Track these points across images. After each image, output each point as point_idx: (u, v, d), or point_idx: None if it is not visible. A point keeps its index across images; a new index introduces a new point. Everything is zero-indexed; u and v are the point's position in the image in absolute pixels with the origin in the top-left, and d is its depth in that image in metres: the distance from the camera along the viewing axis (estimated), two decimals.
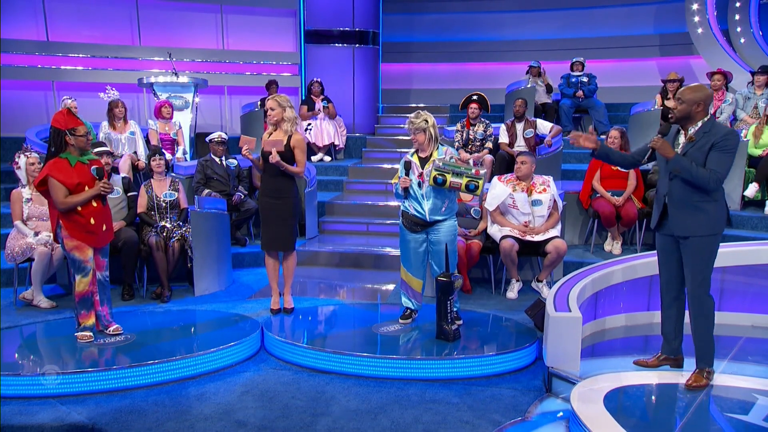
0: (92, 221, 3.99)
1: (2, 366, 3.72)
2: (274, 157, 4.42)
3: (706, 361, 3.40)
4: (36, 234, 5.07)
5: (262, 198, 4.71)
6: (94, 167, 4.01)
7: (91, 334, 4.15)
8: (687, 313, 3.49)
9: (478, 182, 4.11)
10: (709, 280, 3.38)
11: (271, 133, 4.62)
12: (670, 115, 3.45)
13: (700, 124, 3.34)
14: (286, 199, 4.61)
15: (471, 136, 7.19)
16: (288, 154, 4.52)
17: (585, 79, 8.99)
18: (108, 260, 4.26)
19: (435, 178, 4.11)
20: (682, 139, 3.40)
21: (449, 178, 4.09)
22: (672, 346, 3.63)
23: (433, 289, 4.35)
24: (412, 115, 4.28)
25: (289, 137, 4.54)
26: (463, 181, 4.09)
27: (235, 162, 6.61)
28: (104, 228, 4.09)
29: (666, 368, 3.64)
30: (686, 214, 3.36)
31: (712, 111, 6.98)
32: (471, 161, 4.23)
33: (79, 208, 3.94)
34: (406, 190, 4.27)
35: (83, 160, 4.02)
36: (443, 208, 4.26)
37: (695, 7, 10.00)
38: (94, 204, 4.00)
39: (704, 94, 3.35)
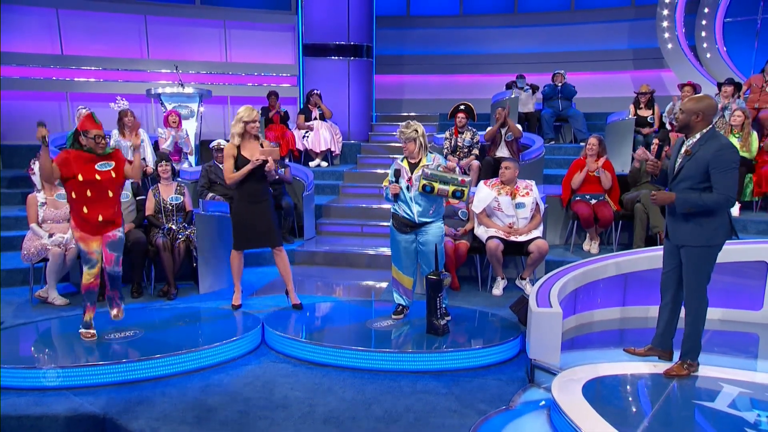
0: (85, 209, 3.98)
1: (20, 360, 3.71)
2: (271, 166, 4.49)
3: (690, 354, 3.42)
4: (50, 236, 5.05)
5: (241, 204, 4.65)
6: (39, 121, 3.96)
7: (95, 332, 4.10)
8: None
9: (463, 190, 4.12)
10: (703, 285, 3.35)
11: (238, 145, 4.57)
12: (673, 124, 3.38)
13: (698, 136, 3.23)
14: (266, 201, 4.68)
15: (459, 144, 7.20)
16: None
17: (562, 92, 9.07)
18: (120, 256, 4.16)
19: (424, 187, 4.11)
20: (683, 151, 3.30)
21: (437, 186, 4.10)
22: (662, 339, 3.64)
23: (423, 286, 4.36)
24: (403, 125, 4.28)
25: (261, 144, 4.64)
26: (450, 188, 4.10)
27: None
28: (100, 219, 3.99)
29: (639, 360, 3.66)
30: (681, 225, 3.32)
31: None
32: (457, 169, 4.22)
33: (73, 195, 3.96)
34: (396, 195, 4.28)
35: (90, 152, 4.00)
36: (431, 211, 4.27)
37: (665, 24, 10.10)
38: (89, 193, 3.96)
39: (705, 104, 3.20)
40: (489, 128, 7.29)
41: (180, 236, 5.34)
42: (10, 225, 6.49)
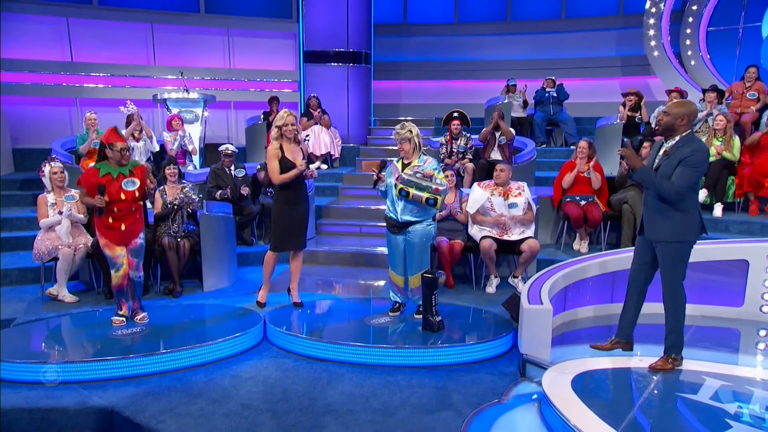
0: (110, 220, 4.19)
1: (30, 355, 3.73)
2: (312, 173, 4.52)
3: (674, 349, 3.44)
4: (59, 213, 5.04)
5: (279, 206, 4.55)
6: (99, 184, 4.15)
7: (124, 319, 4.32)
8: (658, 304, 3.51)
9: (437, 198, 4.11)
10: (680, 281, 3.37)
11: (280, 147, 4.50)
12: (655, 127, 3.42)
13: (677, 138, 3.29)
14: (304, 204, 4.65)
15: (454, 149, 7.22)
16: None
17: (555, 95, 9.07)
18: (140, 262, 4.36)
19: (400, 191, 4.12)
20: (662, 152, 3.36)
21: (412, 191, 4.11)
22: (625, 332, 3.69)
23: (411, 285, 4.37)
24: (398, 126, 4.28)
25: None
26: (424, 195, 4.11)
27: (243, 172, 6.58)
28: (123, 228, 4.20)
29: (626, 354, 3.68)
30: (656, 221, 3.35)
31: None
32: (433, 177, 4.21)
33: (104, 208, 4.16)
34: (376, 183, 4.31)
35: (113, 171, 4.19)
36: (415, 210, 4.24)
37: (651, 33, 10.13)
38: (116, 209, 4.18)
39: (689, 109, 3.29)
40: (483, 129, 7.32)
41: (185, 236, 5.33)
42: (22, 225, 6.50)
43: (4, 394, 3.39)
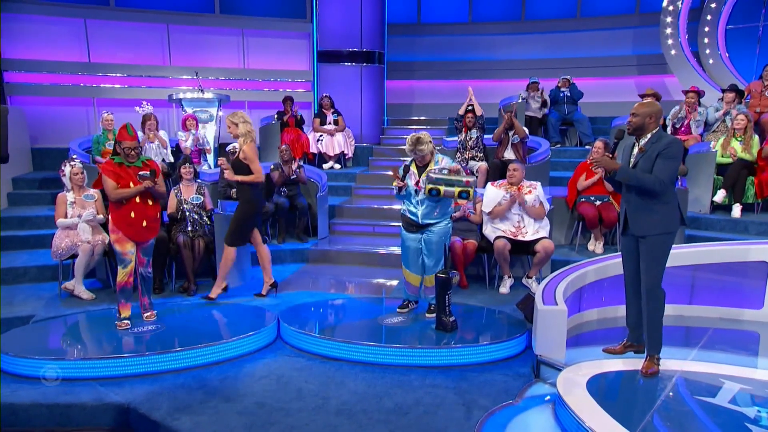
0: (132, 215, 4.17)
1: (48, 352, 3.78)
2: (231, 175, 4.82)
3: (655, 348, 3.44)
4: (79, 216, 5.12)
5: None
6: (150, 171, 4.21)
7: (129, 322, 4.26)
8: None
9: (468, 190, 4.10)
10: (662, 274, 3.40)
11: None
12: (627, 128, 3.51)
13: (649, 135, 3.41)
14: (240, 203, 4.91)
15: (467, 140, 7.26)
16: (245, 165, 4.72)
17: (569, 94, 9.00)
18: (150, 259, 4.39)
19: (430, 191, 4.10)
20: (636, 150, 3.47)
21: (443, 189, 4.09)
22: (635, 334, 3.68)
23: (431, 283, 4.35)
24: (409, 141, 4.21)
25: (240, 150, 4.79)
26: (456, 190, 4.10)
27: None
28: (144, 224, 4.21)
29: (641, 356, 3.63)
30: (642, 216, 3.40)
31: (670, 122, 7.04)
32: (460, 171, 4.21)
33: (124, 202, 4.14)
34: (400, 188, 4.29)
35: (127, 164, 4.21)
36: (435, 212, 4.26)
37: (669, 31, 10.00)
38: (137, 200, 4.17)
39: (655, 108, 3.43)
40: (496, 129, 7.32)
41: (200, 234, 5.37)
42: (41, 224, 6.60)
43: (23, 389, 3.44)
